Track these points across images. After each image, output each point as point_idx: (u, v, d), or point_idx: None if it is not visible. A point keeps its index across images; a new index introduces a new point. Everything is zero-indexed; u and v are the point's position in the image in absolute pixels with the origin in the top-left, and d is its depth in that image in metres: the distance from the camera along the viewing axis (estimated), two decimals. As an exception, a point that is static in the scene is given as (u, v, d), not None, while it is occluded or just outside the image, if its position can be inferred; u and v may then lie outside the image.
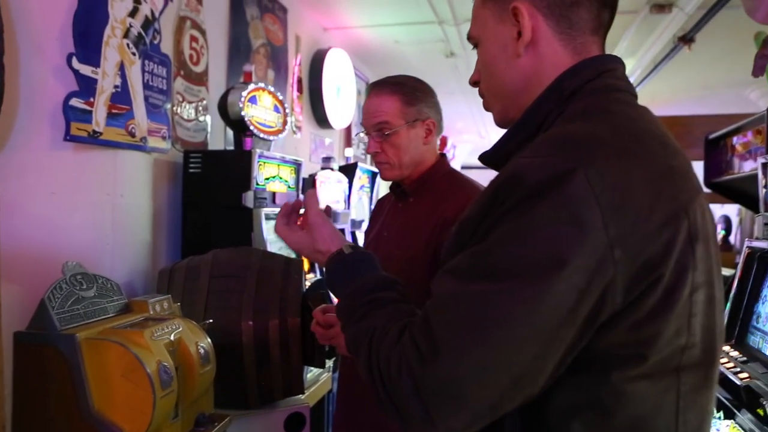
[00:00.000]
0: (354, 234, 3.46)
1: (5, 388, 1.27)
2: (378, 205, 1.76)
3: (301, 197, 1.13)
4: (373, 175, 3.90)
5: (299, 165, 2.52)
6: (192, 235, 2.20)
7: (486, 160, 0.84)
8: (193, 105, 2.36)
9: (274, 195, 2.30)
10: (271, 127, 2.41)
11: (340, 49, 3.98)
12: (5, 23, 1.39)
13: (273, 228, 1.08)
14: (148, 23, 1.92)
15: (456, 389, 0.62)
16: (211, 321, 1.55)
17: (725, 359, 1.62)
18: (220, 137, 2.59)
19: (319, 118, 3.79)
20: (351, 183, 3.54)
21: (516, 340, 0.61)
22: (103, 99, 1.72)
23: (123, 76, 1.81)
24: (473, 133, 8.15)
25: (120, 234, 1.91)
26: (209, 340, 1.44)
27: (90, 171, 1.77)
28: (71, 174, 1.69)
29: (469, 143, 8.96)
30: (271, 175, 2.31)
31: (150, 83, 1.96)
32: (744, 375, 1.48)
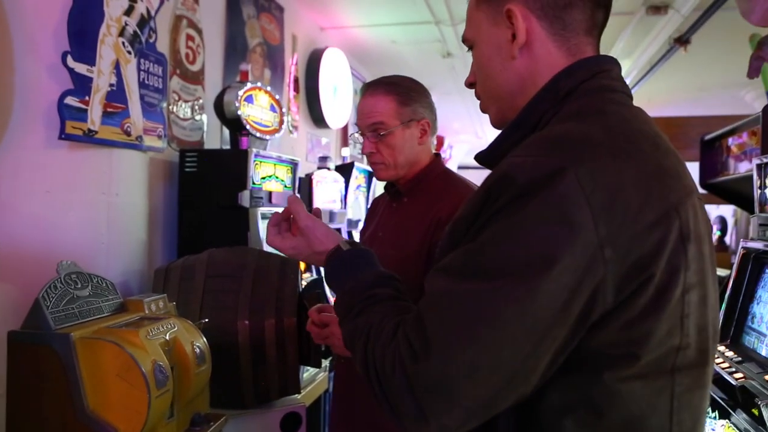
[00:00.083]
0: (350, 234, 3.46)
1: (-1, 387, 1.27)
2: (373, 206, 1.76)
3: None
4: (370, 175, 3.90)
5: (296, 164, 2.52)
6: (188, 235, 2.20)
7: (482, 159, 0.84)
8: (189, 104, 2.35)
9: (270, 194, 2.30)
10: (268, 127, 2.40)
11: (336, 49, 3.97)
12: None
13: (264, 231, 1.07)
14: (143, 22, 1.91)
15: (448, 387, 0.62)
16: (207, 320, 1.54)
17: (720, 359, 1.62)
18: (216, 136, 2.59)
19: (316, 117, 3.79)
20: (347, 183, 3.53)
21: (507, 338, 0.61)
22: (99, 97, 1.71)
23: (118, 74, 1.80)
24: (470, 134, 8.16)
25: (115, 233, 1.91)
26: (205, 339, 1.43)
27: (85, 170, 1.76)
28: (66, 173, 1.68)
29: (466, 143, 8.97)
30: (268, 175, 2.31)
31: (146, 82, 1.95)
32: (739, 375, 1.49)
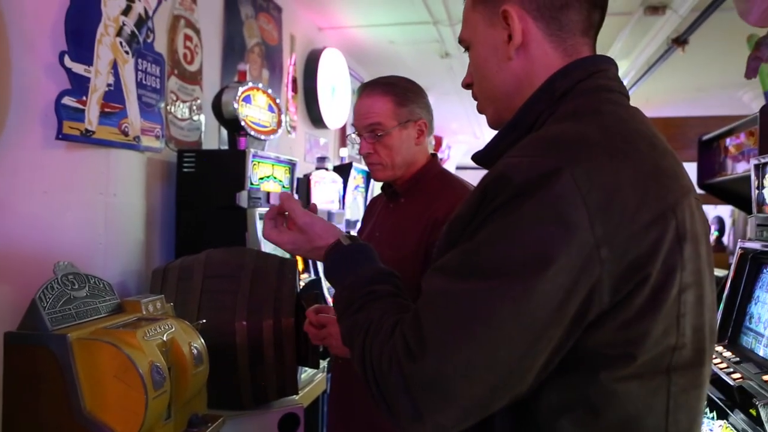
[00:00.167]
0: (349, 233, 3.45)
1: (-4, 388, 1.26)
2: (370, 206, 1.76)
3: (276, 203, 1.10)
4: (368, 175, 3.90)
5: (294, 165, 2.52)
6: (185, 235, 2.19)
7: (479, 160, 0.84)
8: (187, 104, 2.35)
9: (268, 195, 2.29)
10: (266, 127, 2.40)
11: (334, 49, 3.97)
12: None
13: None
14: (141, 22, 1.91)
15: (444, 386, 0.62)
16: (205, 321, 1.54)
17: (718, 359, 1.62)
18: (214, 137, 2.58)
19: (314, 118, 3.79)
20: (346, 183, 3.53)
21: (503, 338, 0.61)
22: (96, 97, 1.71)
23: (116, 74, 1.80)
24: (468, 134, 8.17)
25: (113, 233, 1.90)
26: (202, 340, 1.43)
27: (82, 170, 1.76)
28: (63, 173, 1.68)
29: (464, 144, 8.97)
30: (266, 175, 2.31)
31: (143, 82, 1.95)
32: (737, 375, 1.49)
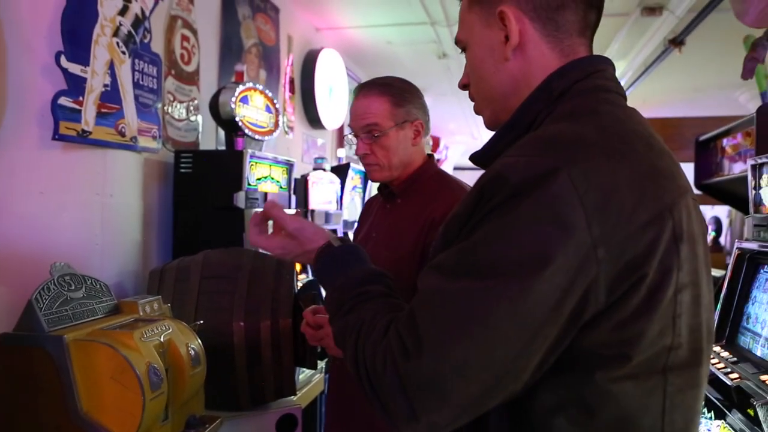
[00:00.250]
0: (346, 234, 3.45)
1: (-8, 390, 1.25)
2: (366, 207, 1.76)
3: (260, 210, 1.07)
4: (366, 176, 3.90)
5: (291, 165, 2.52)
6: (183, 236, 2.19)
7: (476, 160, 0.84)
8: (184, 105, 2.34)
9: (265, 195, 2.29)
10: (263, 128, 2.40)
11: (332, 50, 3.97)
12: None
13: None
14: (138, 22, 1.91)
15: (440, 385, 0.62)
16: (202, 322, 1.54)
17: (716, 360, 1.63)
18: (211, 137, 2.58)
19: (312, 118, 3.78)
20: (343, 184, 3.53)
21: (499, 337, 0.61)
22: (93, 98, 1.70)
23: (113, 75, 1.79)
24: (465, 134, 8.17)
25: (109, 234, 1.90)
26: (200, 341, 1.43)
27: (79, 170, 1.75)
28: (60, 173, 1.67)
29: (462, 144, 8.98)
30: (263, 176, 2.30)
31: (140, 82, 1.94)
32: (734, 375, 1.49)
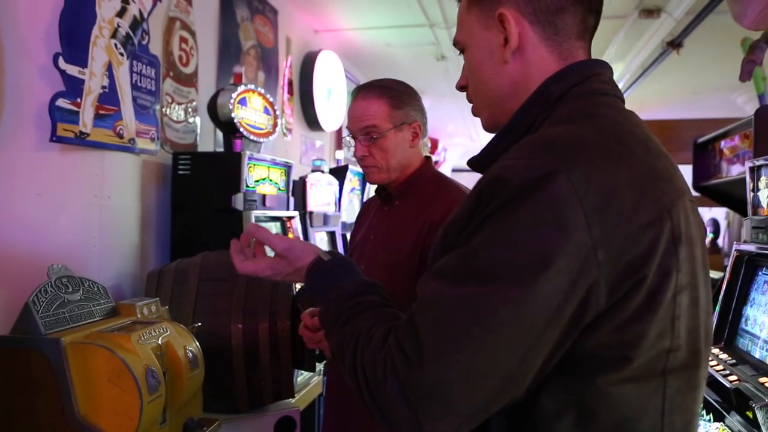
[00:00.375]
0: (345, 236, 3.45)
1: (-12, 393, 1.25)
2: (363, 209, 1.76)
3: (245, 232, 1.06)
4: (364, 178, 3.89)
5: (289, 167, 2.51)
6: (181, 238, 2.18)
7: (474, 165, 0.84)
8: (183, 106, 2.34)
9: (264, 197, 2.29)
10: (261, 129, 2.40)
11: (330, 52, 3.97)
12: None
13: (258, 226, 1.03)
14: (136, 23, 1.90)
15: (443, 392, 0.62)
16: (200, 324, 1.53)
17: (714, 362, 1.63)
18: (209, 139, 2.58)
19: (310, 120, 3.78)
20: (342, 185, 3.53)
21: (502, 341, 0.61)
22: (91, 99, 1.70)
23: (111, 76, 1.79)
24: (464, 136, 8.17)
25: (107, 236, 1.89)
26: (198, 343, 1.42)
27: (77, 172, 1.75)
28: (58, 175, 1.67)
29: (460, 146, 8.98)
30: (261, 178, 2.30)
31: (138, 84, 1.94)
32: (733, 378, 1.49)
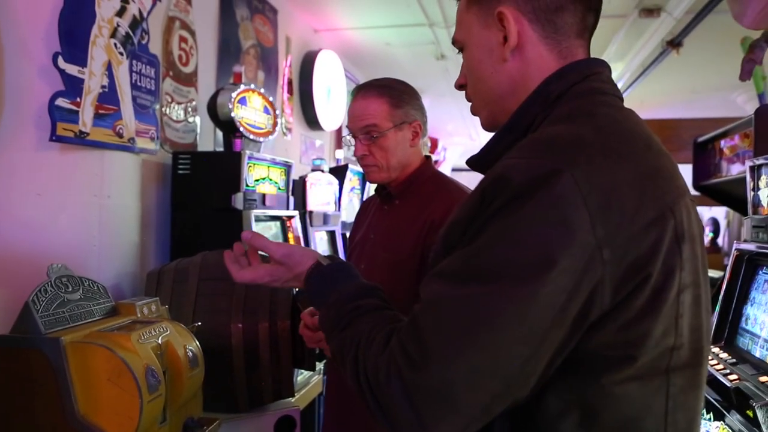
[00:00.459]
0: (344, 236, 3.45)
1: (-12, 392, 1.25)
2: (362, 208, 1.76)
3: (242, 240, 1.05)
4: (364, 177, 3.89)
5: (289, 167, 2.51)
6: (181, 237, 2.18)
7: (473, 164, 0.83)
8: (182, 106, 2.34)
9: (264, 197, 2.28)
10: (261, 129, 2.39)
11: (330, 51, 3.97)
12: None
13: (254, 233, 1.03)
14: (136, 23, 1.90)
15: (448, 394, 0.61)
16: (200, 324, 1.53)
17: (715, 361, 1.63)
18: (209, 138, 2.57)
19: (310, 119, 3.78)
20: (341, 185, 3.53)
21: (507, 342, 0.61)
22: (90, 99, 1.70)
23: (110, 76, 1.79)
24: (464, 136, 8.17)
25: (107, 236, 1.89)
26: (198, 343, 1.42)
27: (77, 172, 1.75)
28: (57, 175, 1.67)
29: (460, 145, 8.98)
30: (261, 177, 2.30)
31: (138, 83, 1.94)
32: (733, 377, 1.49)
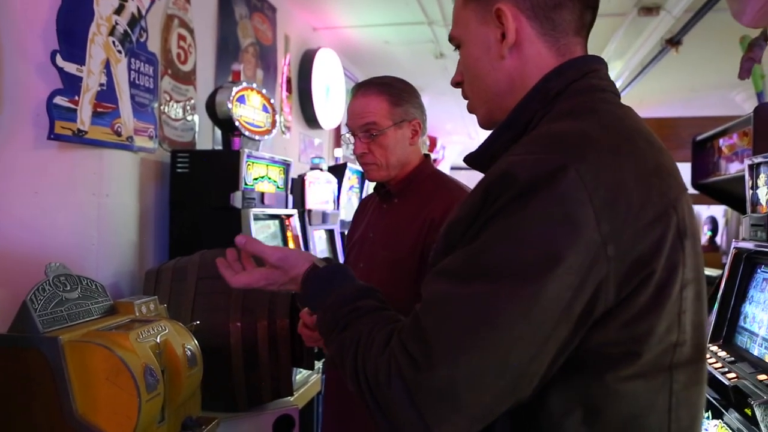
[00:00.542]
0: (343, 234, 3.44)
1: (-14, 391, 1.24)
2: (361, 206, 1.75)
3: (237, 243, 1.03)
4: (363, 176, 3.89)
5: (288, 165, 2.51)
6: (179, 236, 2.18)
7: (471, 161, 0.83)
8: (181, 104, 2.33)
9: (262, 195, 2.28)
10: (260, 127, 2.39)
11: (329, 49, 3.96)
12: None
13: (257, 233, 1.02)
14: (134, 21, 1.90)
15: (451, 394, 0.60)
16: (199, 322, 1.53)
17: (713, 359, 1.63)
18: (208, 137, 2.57)
19: (309, 118, 3.78)
20: (340, 183, 3.52)
21: (512, 340, 0.60)
22: (89, 97, 1.69)
23: (109, 74, 1.78)
24: (462, 134, 8.17)
25: (105, 234, 1.89)
26: (196, 341, 1.42)
27: (75, 170, 1.74)
28: (55, 173, 1.66)
29: (459, 144, 8.98)
30: (260, 176, 2.29)
31: (136, 82, 1.93)
32: (732, 375, 1.49)
